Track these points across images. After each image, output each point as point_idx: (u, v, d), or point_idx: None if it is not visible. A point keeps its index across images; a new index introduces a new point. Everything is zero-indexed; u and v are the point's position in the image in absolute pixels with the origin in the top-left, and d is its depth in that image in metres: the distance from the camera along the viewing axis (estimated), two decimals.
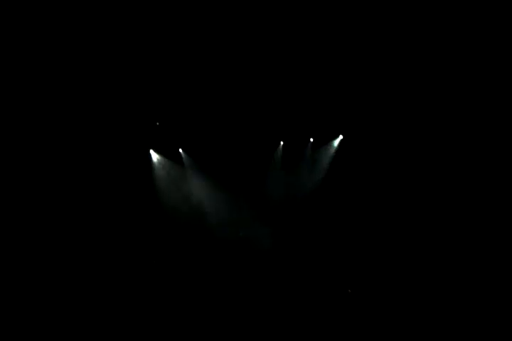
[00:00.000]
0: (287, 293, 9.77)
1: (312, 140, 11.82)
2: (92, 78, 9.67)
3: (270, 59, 9.77)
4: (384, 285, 9.72)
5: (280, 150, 11.94)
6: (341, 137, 11.68)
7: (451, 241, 9.94)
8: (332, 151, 11.77)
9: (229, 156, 11.55)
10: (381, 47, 9.48)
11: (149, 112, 10.77)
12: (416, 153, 10.75)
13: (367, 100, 10.85)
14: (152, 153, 11.51)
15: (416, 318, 8.46)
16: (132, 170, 11.03)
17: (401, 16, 8.72)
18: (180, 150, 11.75)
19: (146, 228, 11.00)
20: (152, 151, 11.50)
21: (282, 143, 11.93)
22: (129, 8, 8.45)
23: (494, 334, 7.78)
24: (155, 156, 11.54)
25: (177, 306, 9.39)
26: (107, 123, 10.51)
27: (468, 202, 10.02)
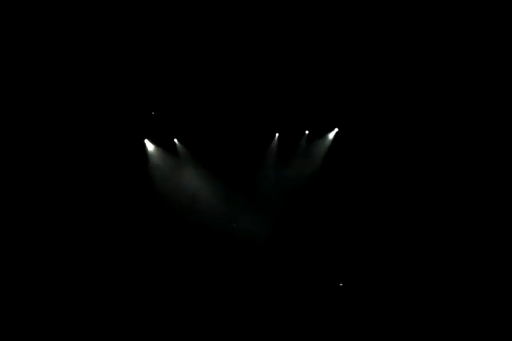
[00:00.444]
0: (280, 285, 9.86)
1: (307, 132, 11.82)
2: (88, 68, 9.64)
3: (266, 50, 9.75)
4: (377, 278, 9.80)
5: (275, 141, 11.93)
6: (336, 130, 11.67)
7: (446, 233, 10.01)
8: (327, 144, 11.77)
9: (224, 147, 11.54)
10: (376, 40, 9.45)
11: (144, 102, 10.75)
12: (412, 146, 10.78)
13: (363, 93, 10.84)
14: (147, 143, 11.50)
15: (410, 313, 8.53)
16: (127, 160, 11.03)
17: (395, 10, 8.69)
18: (175, 140, 11.74)
19: (141, 218, 11.04)
20: (147, 141, 11.49)
21: (277, 134, 11.92)
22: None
23: (493, 332, 7.82)
24: (150, 146, 11.53)
25: (171, 297, 9.48)
26: (102, 112, 10.50)
27: (463, 194, 10.08)
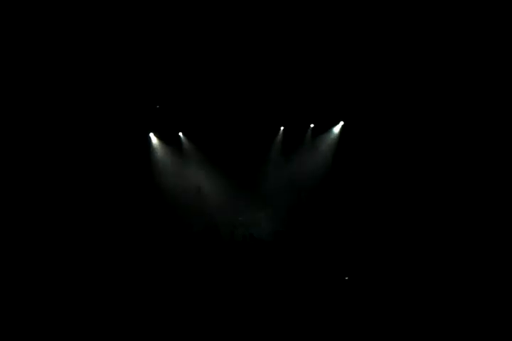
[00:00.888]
0: (287, 278, 9.88)
1: (312, 125, 11.79)
2: (94, 64, 9.54)
3: (271, 44, 9.65)
4: (382, 273, 9.83)
5: (280, 135, 11.90)
6: (342, 123, 11.64)
7: (452, 228, 10.04)
8: (332, 137, 11.75)
9: (229, 141, 11.51)
10: (382, 34, 9.37)
11: (149, 95, 10.67)
12: (417, 140, 10.75)
13: (368, 87, 10.77)
14: (152, 137, 11.46)
15: (414, 309, 8.58)
16: (132, 153, 10.99)
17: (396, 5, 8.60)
18: (180, 133, 11.70)
19: (145, 211, 11.02)
20: (152, 134, 11.45)
21: (283, 128, 11.89)
22: None
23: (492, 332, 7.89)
24: (154, 140, 11.49)
25: (174, 291, 9.50)
26: (108, 105, 10.43)
27: (470, 190, 10.08)
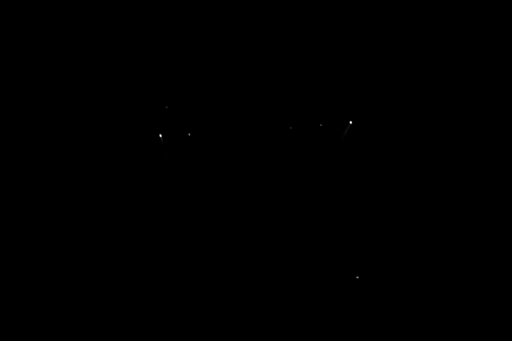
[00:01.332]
0: (295, 276, 9.84)
1: (321, 125, 11.78)
2: (102, 64, 9.65)
3: (280, 41, 9.70)
4: (391, 272, 9.76)
5: (289, 136, 11.90)
6: (351, 123, 11.62)
7: (458, 228, 9.96)
8: (341, 138, 11.72)
9: (236, 141, 11.54)
10: (392, 32, 9.39)
11: (158, 95, 10.75)
12: (426, 142, 10.73)
13: (377, 87, 10.78)
14: (161, 138, 11.51)
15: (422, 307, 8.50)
16: (141, 155, 11.05)
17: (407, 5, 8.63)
18: (188, 134, 11.75)
19: (152, 211, 11.04)
20: (161, 136, 11.50)
21: (291, 128, 11.89)
22: None
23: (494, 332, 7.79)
24: (163, 141, 11.54)
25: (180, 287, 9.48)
26: (116, 105, 10.52)
27: (474, 189, 10.01)
